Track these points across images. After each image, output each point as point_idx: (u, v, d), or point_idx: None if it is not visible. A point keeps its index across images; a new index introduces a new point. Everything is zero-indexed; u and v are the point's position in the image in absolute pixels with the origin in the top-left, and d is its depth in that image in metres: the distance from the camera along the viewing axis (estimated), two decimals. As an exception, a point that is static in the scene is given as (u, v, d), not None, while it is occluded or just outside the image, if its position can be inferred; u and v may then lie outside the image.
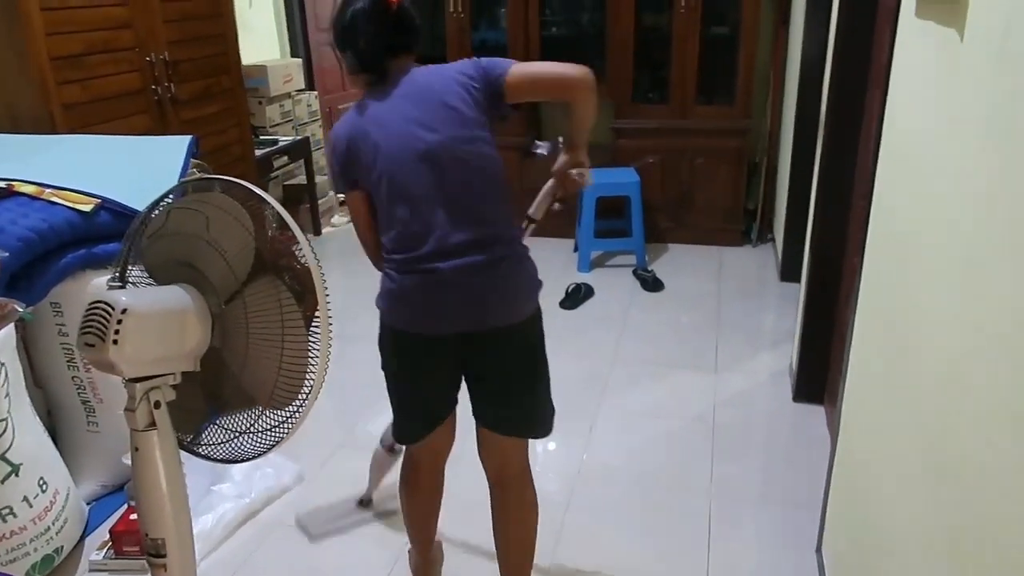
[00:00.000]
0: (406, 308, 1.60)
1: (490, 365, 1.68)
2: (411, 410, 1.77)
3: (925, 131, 1.36)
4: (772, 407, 2.93)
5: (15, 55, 2.74)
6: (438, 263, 1.54)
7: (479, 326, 1.59)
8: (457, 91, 1.59)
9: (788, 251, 3.86)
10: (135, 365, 1.11)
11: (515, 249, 1.63)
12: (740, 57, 4.22)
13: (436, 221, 1.54)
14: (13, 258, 2.04)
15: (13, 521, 1.96)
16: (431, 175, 1.54)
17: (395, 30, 1.62)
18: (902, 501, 1.36)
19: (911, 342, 1.37)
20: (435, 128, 1.56)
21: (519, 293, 1.63)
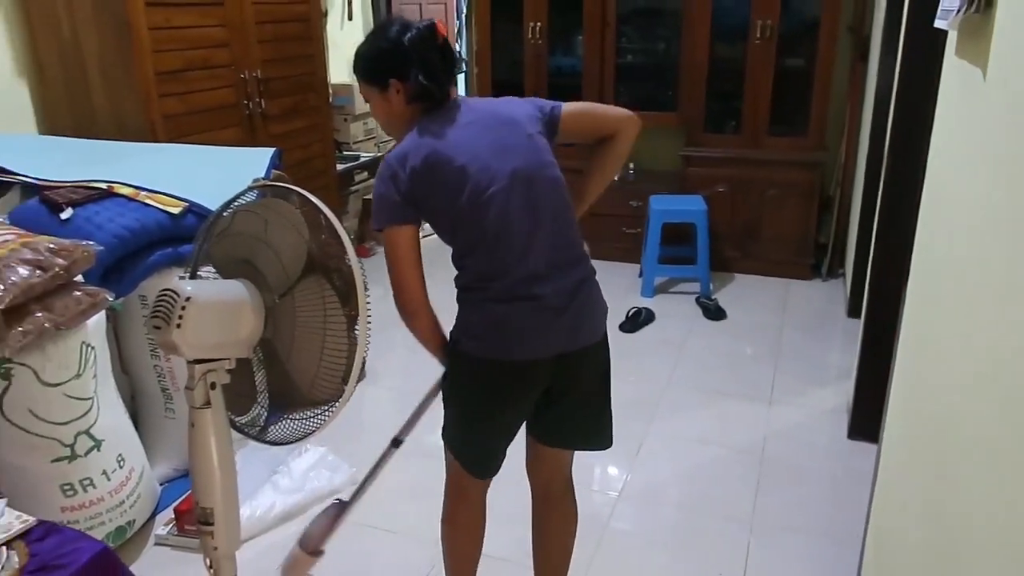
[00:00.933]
0: (507, 335, 1.57)
1: (578, 383, 1.69)
2: (495, 442, 1.73)
3: (955, 167, 1.38)
4: (825, 443, 2.89)
5: (124, 70, 3.02)
6: (536, 288, 1.56)
7: (575, 344, 1.62)
8: (530, 121, 1.64)
9: (856, 287, 3.79)
10: (195, 348, 1.24)
11: (593, 269, 1.69)
12: (815, 89, 4.20)
13: (533, 243, 1.56)
14: (108, 252, 2.25)
15: (93, 492, 2.15)
16: (524, 196, 1.56)
17: (450, 61, 1.62)
18: (926, 546, 1.37)
19: (943, 381, 1.37)
20: (518, 153, 1.58)
21: (601, 312, 1.69)
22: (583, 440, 1.82)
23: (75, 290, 2.05)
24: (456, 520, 1.85)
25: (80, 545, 1.39)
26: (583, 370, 1.69)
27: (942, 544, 1.22)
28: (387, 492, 2.58)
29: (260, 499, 2.41)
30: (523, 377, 1.63)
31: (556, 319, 1.58)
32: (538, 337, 1.58)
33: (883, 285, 2.69)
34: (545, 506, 1.88)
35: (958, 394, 1.22)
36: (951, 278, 1.36)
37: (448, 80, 1.63)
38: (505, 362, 1.59)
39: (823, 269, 4.50)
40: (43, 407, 2.02)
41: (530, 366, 1.61)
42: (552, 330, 1.58)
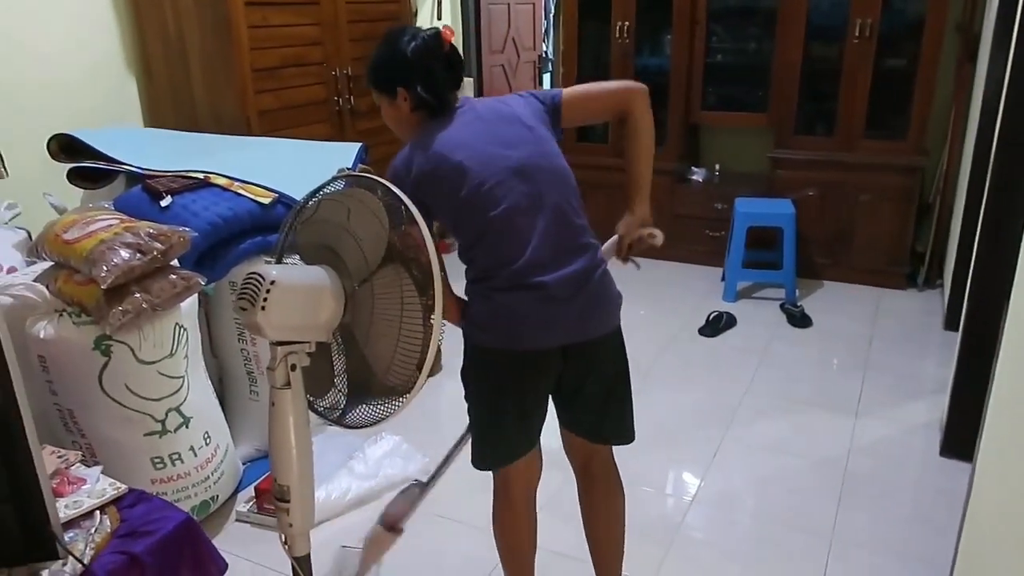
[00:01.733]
0: (512, 325, 1.59)
1: (592, 374, 1.69)
2: (515, 431, 1.74)
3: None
4: (914, 459, 2.76)
5: (224, 66, 3.15)
6: (542, 276, 1.56)
7: (584, 335, 1.62)
8: (528, 112, 1.67)
9: (955, 298, 3.60)
10: (278, 330, 1.28)
11: (602, 259, 1.68)
12: (917, 91, 4.00)
13: (535, 233, 1.56)
14: (202, 239, 2.36)
15: (180, 466, 2.25)
16: (525, 188, 1.58)
17: (450, 67, 1.67)
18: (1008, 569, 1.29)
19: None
20: (517, 145, 1.61)
21: (613, 301, 1.67)
22: (604, 433, 1.80)
23: (171, 273, 2.15)
24: (500, 519, 1.87)
25: (166, 514, 1.46)
26: (596, 361, 1.69)
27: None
28: (461, 483, 2.61)
29: (336, 483, 2.48)
30: (532, 366, 1.65)
31: (562, 308, 1.58)
32: (544, 326, 1.59)
33: (984, 297, 2.54)
34: (586, 482, 1.88)
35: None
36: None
37: (449, 88, 1.68)
38: (513, 352, 1.62)
39: (919, 279, 4.29)
40: (138, 383, 2.13)
41: (538, 356, 1.63)
42: (559, 319, 1.59)
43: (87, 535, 1.38)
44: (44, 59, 2.94)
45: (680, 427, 2.97)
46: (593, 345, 1.65)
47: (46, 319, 2.09)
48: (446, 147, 1.60)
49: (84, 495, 1.46)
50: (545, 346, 1.62)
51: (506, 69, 5.92)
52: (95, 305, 2.03)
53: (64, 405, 2.16)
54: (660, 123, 2.37)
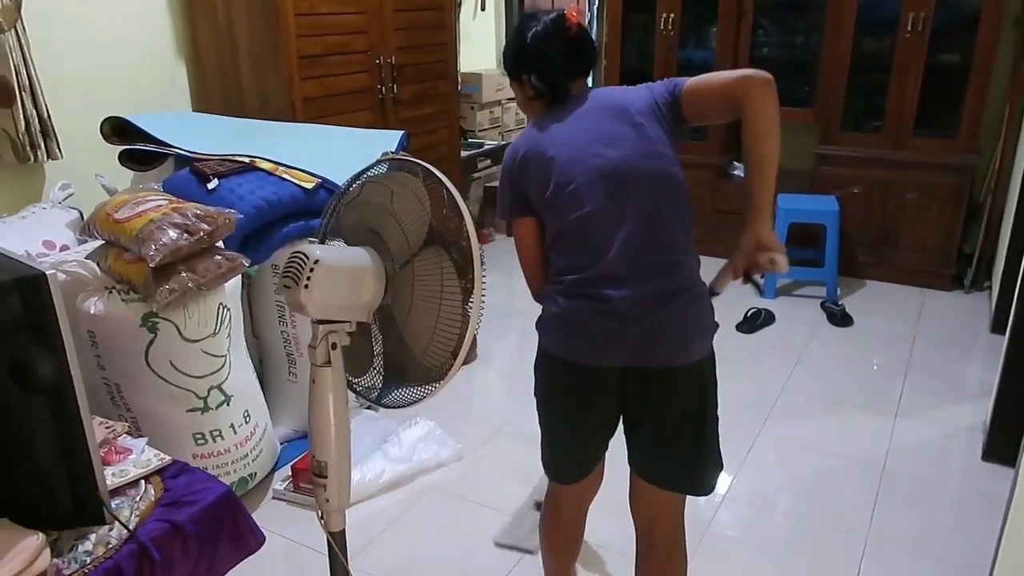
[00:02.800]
0: (571, 335, 1.51)
1: (655, 408, 1.55)
2: (565, 448, 1.67)
3: None
4: (955, 462, 2.70)
5: (272, 53, 3.20)
6: (610, 290, 1.45)
7: (648, 361, 1.48)
8: (644, 108, 1.52)
9: (1003, 301, 3.51)
10: (320, 309, 1.31)
11: (694, 282, 1.50)
12: (970, 88, 3.90)
13: (614, 242, 1.46)
14: (247, 221, 2.41)
15: (220, 443, 2.31)
16: (611, 191, 1.47)
17: (574, 52, 1.59)
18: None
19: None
20: (618, 145, 1.49)
21: (695, 331, 1.49)
22: (669, 479, 1.62)
23: (216, 254, 2.20)
24: (547, 521, 1.82)
25: (208, 486, 1.49)
26: (664, 394, 1.52)
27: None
28: (494, 472, 2.64)
29: (370, 465, 2.52)
30: (583, 381, 1.54)
31: (624, 328, 1.45)
32: (600, 343, 1.47)
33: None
34: (647, 550, 1.72)
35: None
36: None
37: (567, 77, 1.60)
38: (567, 361, 1.53)
39: (966, 281, 4.19)
40: (182, 360, 2.18)
41: (591, 372, 1.52)
42: (618, 339, 1.46)
43: (132, 503, 1.43)
44: (98, 46, 3.03)
45: (715, 422, 2.94)
46: (661, 374, 1.50)
47: (96, 296, 2.15)
48: (546, 140, 1.54)
49: (130, 465, 1.50)
50: (598, 363, 1.50)
51: (548, 61, 5.90)
52: (143, 283, 2.09)
53: (112, 379, 2.22)
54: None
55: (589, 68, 1.64)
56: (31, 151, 2.71)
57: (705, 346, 1.52)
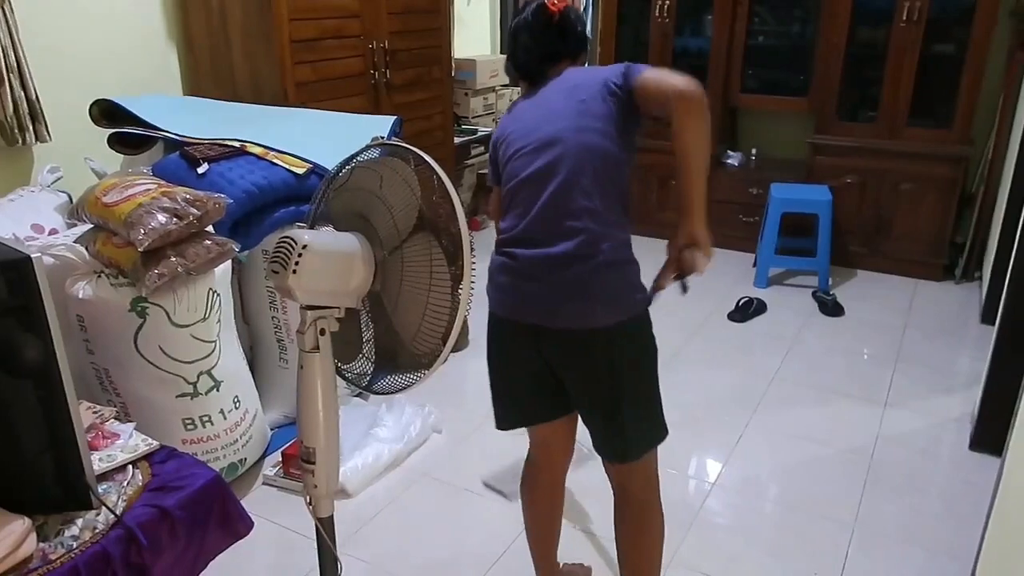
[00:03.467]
0: (492, 289, 1.63)
1: (567, 372, 1.61)
2: (501, 395, 1.75)
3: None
4: (943, 451, 2.72)
5: (264, 37, 3.17)
6: (520, 249, 1.55)
7: (548, 322, 1.54)
8: (594, 87, 1.57)
9: (994, 291, 3.52)
10: (308, 294, 1.30)
11: (603, 251, 1.51)
12: (964, 78, 3.90)
13: (535, 205, 1.53)
14: (237, 206, 2.39)
15: (210, 428, 2.30)
16: (543, 161, 1.54)
17: (555, 38, 1.66)
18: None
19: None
20: (557, 118, 1.57)
21: (599, 298, 1.51)
22: (597, 444, 1.67)
23: (206, 239, 2.19)
24: (524, 483, 1.88)
25: (196, 471, 1.49)
26: (572, 358, 1.58)
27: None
28: (484, 458, 2.64)
29: (367, 450, 2.52)
30: (508, 334, 1.64)
31: (525, 285, 1.55)
32: (513, 298, 1.58)
33: (1019, 289, 2.48)
34: (617, 509, 1.77)
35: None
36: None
37: (545, 62, 1.68)
38: (493, 312, 1.65)
39: (958, 271, 4.20)
40: (172, 345, 2.17)
41: (508, 325, 1.62)
42: (523, 295, 1.56)
43: (120, 488, 1.42)
44: (89, 28, 2.99)
45: (706, 411, 2.96)
46: (566, 337, 1.55)
47: (85, 280, 2.14)
48: (511, 118, 1.68)
49: (118, 450, 1.50)
50: (513, 317, 1.60)
51: (543, 47, 5.87)
52: (132, 267, 2.07)
53: (100, 364, 2.21)
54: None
55: (574, 52, 1.70)
56: (20, 133, 2.69)
57: (613, 315, 1.53)
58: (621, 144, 1.56)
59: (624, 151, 1.57)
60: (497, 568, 2.16)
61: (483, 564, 2.17)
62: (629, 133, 1.58)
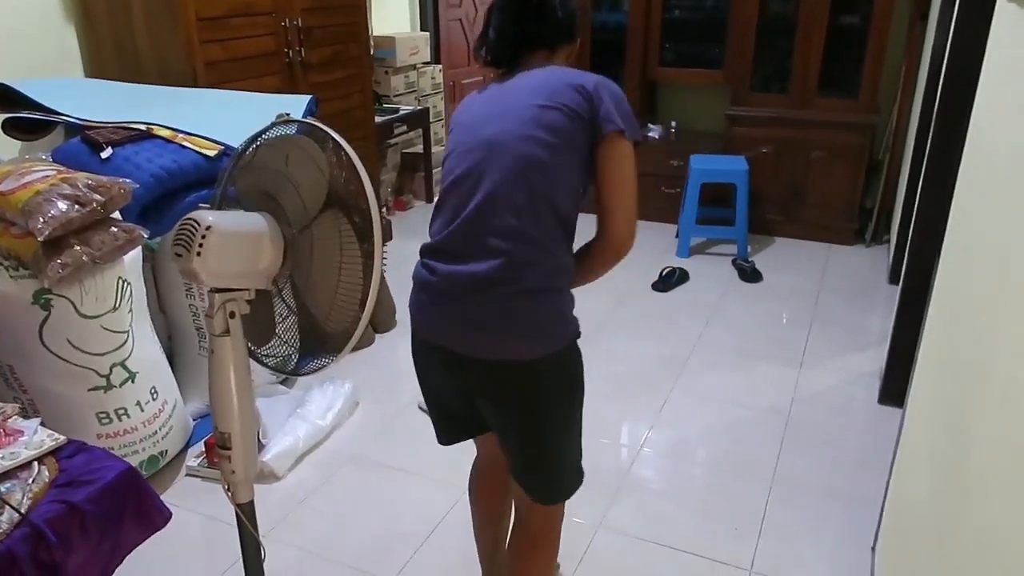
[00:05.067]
0: (413, 304, 1.49)
1: (486, 403, 1.49)
2: (432, 408, 1.66)
3: (998, 120, 1.32)
4: (854, 407, 2.85)
5: (168, 14, 3.05)
6: (439, 262, 1.42)
7: (457, 347, 1.42)
8: (561, 95, 1.40)
9: (899, 253, 3.69)
10: (215, 277, 1.27)
11: (528, 278, 1.37)
12: (869, 49, 4.05)
13: (460, 215, 1.40)
14: (145, 191, 2.31)
15: (127, 421, 2.23)
16: (478, 163, 1.40)
17: (531, 21, 1.48)
18: (932, 504, 1.35)
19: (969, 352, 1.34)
20: (505, 119, 1.41)
21: (516, 327, 1.38)
22: (509, 466, 1.56)
23: (112, 226, 2.11)
24: (469, 487, 1.82)
25: (107, 464, 1.45)
26: (494, 391, 1.45)
27: (954, 502, 1.20)
28: (412, 437, 2.64)
29: (289, 433, 2.50)
30: (424, 352, 1.52)
31: (442, 307, 1.41)
32: (426, 317, 1.45)
33: (921, 250, 2.62)
34: (514, 525, 1.67)
35: (979, 354, 1.19)
36: (981, 241, 1.31)
37: (517, 48, 1.50)
38: (413, 329, 1.52)
39: (867, 235, 4.39)
40: (80, 338, 2.09)
41: (427, 345, 1.49)
42: (438, 318, 1.42)
43: (24, 485, 1.37)
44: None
45: (632, 379, 3.02)
46: (485, 368, 1.41)
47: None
48: (468, 105, 1.52)
49: (21, 447, 1.44)
50: (429, 339, 1.47)
51: (464, 23, 5.83)
52: (33, 258, 1.98)
53: (3, 360, 2.12)
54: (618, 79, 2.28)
55: (553, 41, 1.51)
56: (-97, 121, 2.53)
57: (531, 348, 1.39)
58: (569, 164, 1.40)
59: (571, 172, 1.40)
60: (429, 545, 2.17)
61: (415, 542, 2.18)
62: (581, 156, 1.41)
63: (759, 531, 2.21)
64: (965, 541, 1.09)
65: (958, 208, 1.66)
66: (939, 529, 1.29)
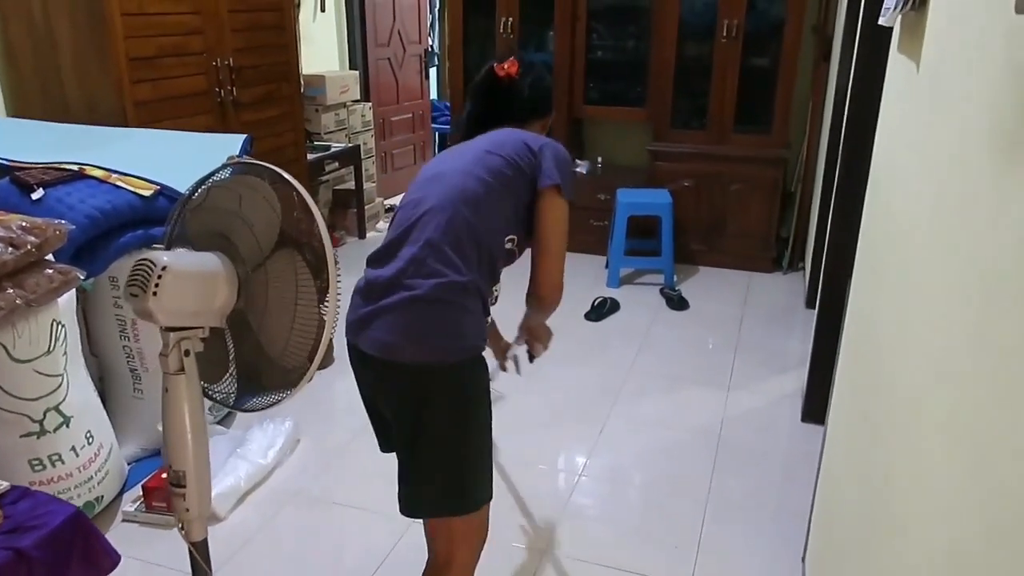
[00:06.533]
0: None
1: (385, 403, 1.56)
2: (370, 417, 1.68)
3: (893, 160, 1.48)
4: (779, 426, 3.01)
5: (97, 54, 3.03)
6: (368, 268, 1.55)
7: (364, 344, 1.50)
8: (510, 147, 1.57)
9: (814, 279, 3.92)
10: (170, 316, 1.29)
11: (427, 286, 1.46)
12: (779, 88, 4.32)
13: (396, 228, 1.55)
14: (80, 232, 2.28)
15: (61, 467, 2.18)
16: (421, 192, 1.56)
17: (500, 102, 1.67)
18: (853, 511, 1.46)
19: (877, 368, 1.46)
20: (458, 161, 1.58)
21: (413, 332, 1.45)
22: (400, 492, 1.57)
23: (47, 268, 2.08)
24: None
25: (52, 508, 1.43)
26: (381, 385, 1.52)
27: (873, 507, 1.32)
28: (357, 474, 2.65)
29: (230, 474, 2.47)
30: (350, 351, 1.56)
31: (360, 305, 1.51)
32: (350, 314, 1.54)
33: (834, 276, 2.80)
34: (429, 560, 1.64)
35: (886, 369, 1.32)
36: (885, 267, 1.45)
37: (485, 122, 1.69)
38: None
39: (784, 263, 4.63)
40: (13, 383, 2.04)
41: (348, 342, 1.55)
42: (355, 314, 1.51)
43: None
44: None
45: (568, 407, 3.11)
46: (382, 366, 1.48)
47: (-93, 318, 1.97)
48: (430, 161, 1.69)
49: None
50: (349, 336, 1.54)
51: (392, 63, 5.92)
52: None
53: (-70, 409, 2.04)
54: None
55: (522, 118, 1.70)
56: None
57: (418, 354, 1.45)
58: (500, 205, 1.54)
59: (502, 212, 1.55)
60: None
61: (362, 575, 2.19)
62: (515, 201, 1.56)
63: (697, 548, 2.30)
64: (883, 541, 1.20)
65: (865, 235, 1.81)
66: (860, 533, 1.40)
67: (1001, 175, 0.75)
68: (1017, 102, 0.71)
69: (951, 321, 0.90)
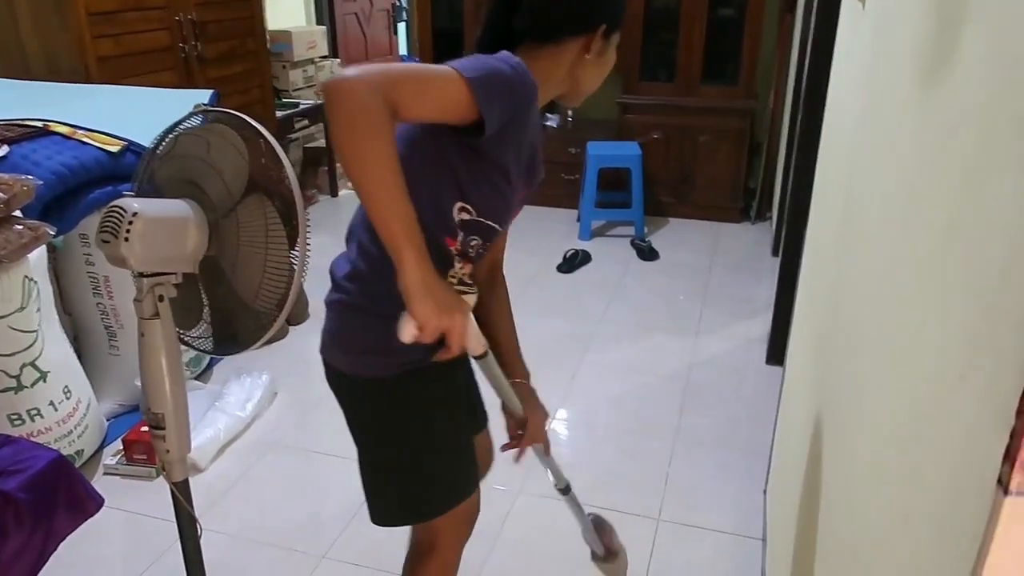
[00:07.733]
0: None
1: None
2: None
3: (842, 101, 1.53)
4: (744, 368, 3.11)
5: (56, 9, 2.97)
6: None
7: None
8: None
9: (780, 228, 4.00)
10: (143, 262, 1.32)
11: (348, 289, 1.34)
12: (745, 39, 4.35)
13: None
14: (47, 189, 2.27)
15: (40, 421, 2.21)
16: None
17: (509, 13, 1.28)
18: (806, 444, 1.55)
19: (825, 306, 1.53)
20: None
21: (331, 335, 1.39)
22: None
23: (16, 224, 2.08)
24: None
25: (35, 453, 1.47)
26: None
27: (823, 441, 1.40)
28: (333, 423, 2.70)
29: (210, 426, 2.51)
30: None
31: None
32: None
33: (792, 222, 2.88)
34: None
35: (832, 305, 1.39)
36: (832, 207, 1.51)
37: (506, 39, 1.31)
38: None
39: (752, 213, 4.71)
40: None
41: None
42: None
43: (-47, 479, 1.38)
44: None
45: (542, 356, 3.14)
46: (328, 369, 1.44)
47: None
48: None
49: (-56, 443, 1.45)
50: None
51: (360, 17, 5.84)
52: (-67, 259, 1.94)
53: (-95, 366, 2.06)
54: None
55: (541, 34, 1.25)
56: None
57: (337, 357, 1.38)
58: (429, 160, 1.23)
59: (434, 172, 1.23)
60: (357, 521, 2.25)
61: (343, 520, 2.25)
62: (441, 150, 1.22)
63: (665, 484, 2.40)
64: (832, 468, 1.27)
65: (818, 179, 1.87)
66: (812, 463, 1.49)
67: (927, 97, 0.80)
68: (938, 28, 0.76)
69: (885, 244, 0.96)
